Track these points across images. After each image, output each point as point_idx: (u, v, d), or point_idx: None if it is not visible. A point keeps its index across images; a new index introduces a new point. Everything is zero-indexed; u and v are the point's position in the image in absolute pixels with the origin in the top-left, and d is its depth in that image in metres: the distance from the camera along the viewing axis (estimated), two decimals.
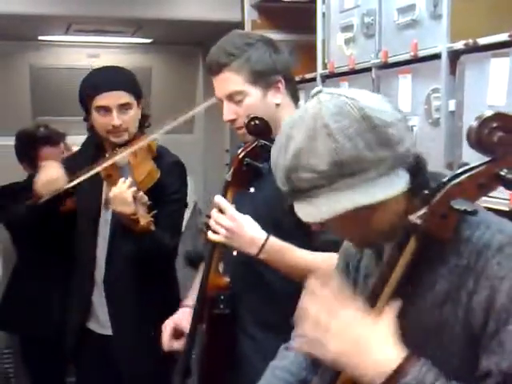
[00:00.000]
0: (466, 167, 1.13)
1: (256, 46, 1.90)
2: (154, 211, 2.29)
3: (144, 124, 2.55)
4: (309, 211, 1.17)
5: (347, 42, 2.61)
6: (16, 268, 3.38)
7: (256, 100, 1.89)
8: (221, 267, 1.94)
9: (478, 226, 1.16)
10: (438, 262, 1.17)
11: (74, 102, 2.56)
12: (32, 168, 3.09)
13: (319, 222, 1.18)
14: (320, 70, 2.82)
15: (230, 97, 1.90)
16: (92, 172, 2.40)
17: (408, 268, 1.18)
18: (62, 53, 4.35)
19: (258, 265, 1.91)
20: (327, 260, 1.60)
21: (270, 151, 1.77)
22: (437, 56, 2.03)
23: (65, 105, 2.61)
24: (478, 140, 1.10)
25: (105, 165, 2.39)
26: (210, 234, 1.84)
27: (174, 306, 2.25)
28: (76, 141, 2.96)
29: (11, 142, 3.39)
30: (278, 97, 1.92)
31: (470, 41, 1.89)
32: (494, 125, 1.09)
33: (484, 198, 1.76)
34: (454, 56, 1.98)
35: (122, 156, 2.39)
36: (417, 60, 2.16)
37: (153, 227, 2.29)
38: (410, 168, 1.17)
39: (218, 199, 1.82)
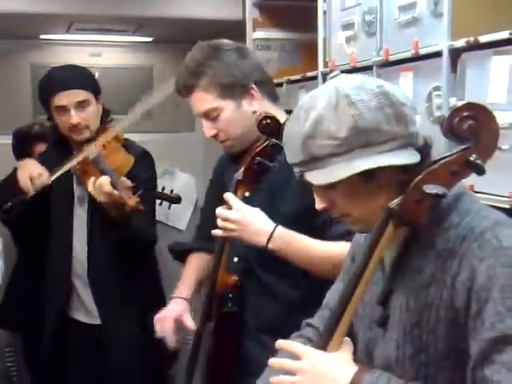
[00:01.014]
0: (442, 155, 1.18)
1: (220, 58, 1.90)
2: (140, 192, 2.30)
3: (106, 118, 2.59)
4: (321, 175, 1.20)
5: (348, 40, 2.60)
6: (17, 266, 3.38)
7: (231, 112, 1.89)
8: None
9: (468, 213, 1.20)
10: (427, 247, 1.21)
11: None
12: None
13: (328, 183, 1.21)
14: (321, 68, 2.82)
15: (206, 115, 1.91)
16: (68, 165, 2.44)
17: (400, 252, 1.24)
18: (64, 51, 4.35)
19: (258, 271, 1.92)
20: (343, 249, 1.56)
21: (280, 150, 1.78)
22: (438, 54, 2.03)
23: None
24: (449, 128, 1.14)
25: (76, 160, 2.43)
26: (217, 231, 1.84)
27: (157, 291, 2.26)
28: None
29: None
30: (254, 104, 1.91)
31: (471, 39, 1.89)
32: (465, 114, 1.13)
33: (484, 196, 1.78)
34: (455, 54, 1.98)
35: (90, 151, 2.42)
36: (418, 58, 2.15)
37: (142, 206, 2.31)
38: (420, 150, 1.22)
39: (228, 195, 1.83)
